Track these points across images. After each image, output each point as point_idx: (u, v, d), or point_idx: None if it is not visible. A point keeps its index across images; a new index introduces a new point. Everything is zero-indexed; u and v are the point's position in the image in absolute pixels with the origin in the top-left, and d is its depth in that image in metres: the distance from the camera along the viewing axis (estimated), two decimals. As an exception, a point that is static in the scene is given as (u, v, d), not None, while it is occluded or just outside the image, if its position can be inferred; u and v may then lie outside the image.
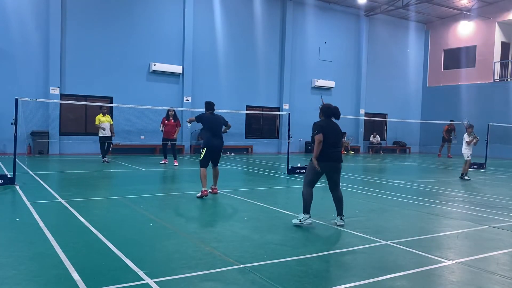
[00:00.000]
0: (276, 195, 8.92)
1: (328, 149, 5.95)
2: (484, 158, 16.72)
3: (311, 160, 6.05)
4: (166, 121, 14.50)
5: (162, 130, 14.54)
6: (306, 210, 5.98)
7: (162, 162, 14.64)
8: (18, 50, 16.40)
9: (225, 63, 20.81)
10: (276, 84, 22.50)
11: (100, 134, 14.40)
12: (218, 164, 8.65)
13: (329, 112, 6.15)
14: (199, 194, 8.11)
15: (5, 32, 16.11)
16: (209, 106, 8.59)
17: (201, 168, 8.16)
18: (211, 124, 8.32)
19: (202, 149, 8.25)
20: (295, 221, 6.03)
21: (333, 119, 6.20)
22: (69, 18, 17.20)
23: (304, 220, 5.94)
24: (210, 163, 8.40)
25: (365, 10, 24.74)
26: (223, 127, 8.59)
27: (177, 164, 14.19)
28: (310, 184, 6.07)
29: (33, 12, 16.59)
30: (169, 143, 14.56)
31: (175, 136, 14.54)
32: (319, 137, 5.91)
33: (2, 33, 16.06)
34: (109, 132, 14.45)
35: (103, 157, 14.46)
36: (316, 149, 5.95)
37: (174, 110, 14.76)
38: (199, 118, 8.46)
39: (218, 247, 4.89)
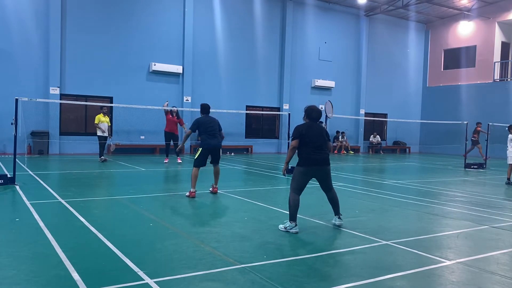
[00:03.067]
0: (276, 195, 8.91)
1: (312, 153, 5.76)
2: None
3: (297, 164, 5.89)
4: (170, 116, 14.76)
5: (165, 109, 14.89)
6: (293, 218, 5.70)
7: (166, 161, 14.79)
8: (18, 50, 16.40)
9: (225, 63, 20.81)
10: (276, 84, 22.50)
11: (99, 134, 14.51)
12: (219, 164, 8.63)
13: (313, 115, 5.93)
14: (187, 194, 8.10)
15: (5, 32, 16.11)
16: (204, 109, 8.50)
17: (194, 168, 8.19)
18: (207, 125, 8.24)
19: (198, 149, 8.28)
20: (280, 227, 5.81)
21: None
22: (69, 18, 17.20)
23: (291, 229, 5.66)
24: (209, 162, 8.42)
25: (365, 10, 24.75)
26: (221, 132, 8.56)
27: (180, 161, 14.73)
28: (297, 190, 5.80)
29: (33, 12, 16.60)
30: (172, 143, 14.84)
31: (179, 131, 15.20)
32: (293, 143, 5.78)
33: (2, 33, 16.07)
34: (106, 132, 14.64)
35: (101, 155, 14.48)
36: (288, 155, 5.90)
37: (176, 109, 15.04)
38: (194, 126, 8.31)
39: (218, 247, 4.88)
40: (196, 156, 8.20)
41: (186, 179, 11.75)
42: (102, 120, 14.47)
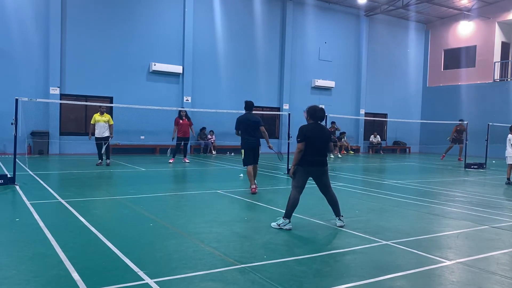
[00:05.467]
0: (276, 195, 8.91)
1: (312, 156, 5.81)
2: (484, 158, 16.72)
3: (297, 164, 5.90)
4: (181, 121, 14.83)
5: (175, 133, 14.84)
6: (288, 215, 5.79)
7: (171, 161, 14.83)
8: (18, 50, 16.40)
9: (225, 63, 20.81)
10: (276, 84, 22.50)
11: (95, 135, 13.22)
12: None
13: (317, 114, 5.93)
14: (251, 191, 8.60)
15: (5, 32, 16.11)
16: (246, 105, 8.93)
17: (247, 167, 8.74)
18: (246, 125, 8.70)
19: (242, 151, 8.77)
20: (273, 224, 5.86)
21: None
22: (69, 18, 17.20)
23: (284, 226, 5.75)
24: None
25: (365, 10, 24.74)
26: (261, 127, 8.82)
27: (188, 161, 15.11)
28: (298, 188, 5.88)
29: (33, 12, 16.60)
30: (182, 143, 14.96)
31: (194, 134, 15.35)
32: (300, 145, 5.77)
33: (2, 33, 16.07)
34: (104, 133, 13.15)
35: (99, 158, 13.32)
36: (295, 157, 5.84)
37: (185, 110, 15.13)
38: (236, 125, 8.85)
39: (218, 247, 4.88)
40: (242, 157, 8.74)
41: (186, 180, 11.77)
42: (97, 119, 13.16)
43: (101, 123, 13.19)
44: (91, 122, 13.41)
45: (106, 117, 13.39)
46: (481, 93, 24.60)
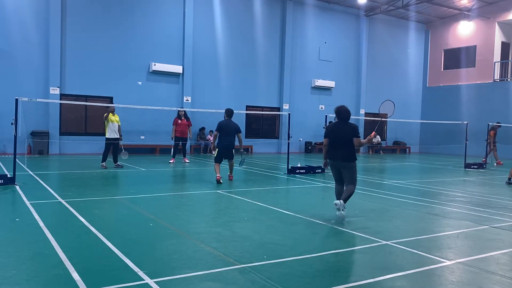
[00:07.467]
0: (276, 195, 8.91)
1: (331, 149, 6.70)
2: (484, 158, 16.70)
3: None
4: (179, 121, 14.87)
5: (173, 133, 14.90)
6: (336, 197, 6.69)
7: (171, 161, 14.83)
8: (18, 50, 16.40)
9: (225, 63, 20.81)
10: (276, 84, 22.50)
11: (107, 135, 12.57)
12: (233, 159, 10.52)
13: (341, 115, 6.72)
14: (216, 178, 9.89)
15: (5, 32, 16.11)
16: (227, 113, 10.37)
17: (215, 163, 10.14)
18: (224, 129, 10.15)
19: (216, 149, 10.24)
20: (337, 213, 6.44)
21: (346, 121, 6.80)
22: (69, 18, 17.21)
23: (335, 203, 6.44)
24: (224, 159, 10.31)
25: (365, 10, 24.75)
26: (239, 134, 10.32)
27: (188, 161, 15.15)
28: (335, 180, 6.86)
29: (33, 12, 16.60)
30: (181, 143, 14.97)
31: (190, 135, 15.28)
32: (324, 141, 6.88)
33: (2, 33, 16.07)
34: (117, 133, 12.74)
35: (103, 160, 12.71)
36: (323, 151, 6.94)
37: (184, 110, 15.11)
38: (217, 127, 10.23)
39: (218, 247, 4.88)
40: (215, 155, 10.22)
41: (186, 180, 11.77)
42: (112, 119, 12.54)
43: (115, 123, 12.63)
44: (111, 121, 12.50)
45: (117, 116, 12.91)
46: (481, 93, 24.61)
